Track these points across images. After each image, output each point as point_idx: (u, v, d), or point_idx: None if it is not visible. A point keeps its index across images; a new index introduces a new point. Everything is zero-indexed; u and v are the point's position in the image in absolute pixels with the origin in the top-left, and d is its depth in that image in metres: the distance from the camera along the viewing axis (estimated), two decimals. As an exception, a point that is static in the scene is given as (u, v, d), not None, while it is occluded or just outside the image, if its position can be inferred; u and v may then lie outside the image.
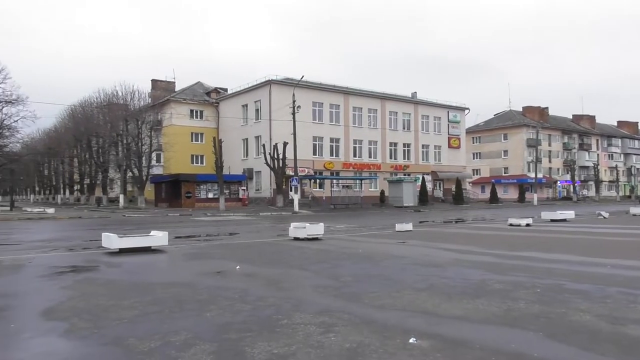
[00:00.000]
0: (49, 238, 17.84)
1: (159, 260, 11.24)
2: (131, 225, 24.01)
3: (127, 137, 47.12)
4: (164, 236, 12.89)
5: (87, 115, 55.17)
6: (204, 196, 45.78)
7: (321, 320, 5.37)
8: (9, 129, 51.66)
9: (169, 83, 60.49)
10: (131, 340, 4.69)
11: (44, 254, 12.54)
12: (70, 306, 6.31)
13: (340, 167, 51.75)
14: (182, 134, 52.25)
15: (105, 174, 53.81)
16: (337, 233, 18.45)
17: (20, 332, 5.17)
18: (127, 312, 5.91)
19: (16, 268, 9.85)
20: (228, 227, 22.19)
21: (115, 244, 12.10)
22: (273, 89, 47.12)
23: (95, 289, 7.55)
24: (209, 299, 6.56)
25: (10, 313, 6.14)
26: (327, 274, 8.76)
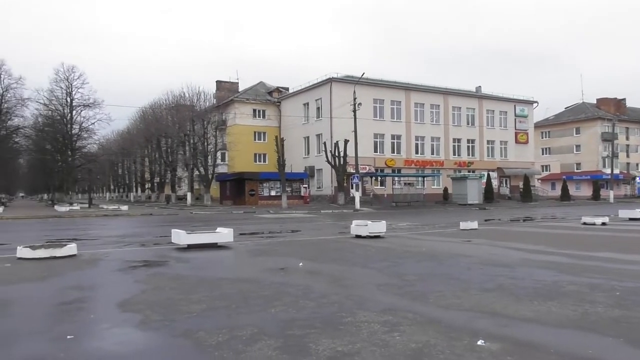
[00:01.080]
0: (123, 234, 18.82)
1: (225, 256, 11.55)
2: (198, 222, 24.88)
3: (193, 137, 48.85)
4: (229, 233, 13.23)
5: (156, 117, 57.72)
6: (266, 194, 46.68)
7: (385, 318, 5.32)
8: (87, 131, 55.22)
9: (233, 84, 62.11)
10: (200, 334, 4.85)
11: (118, 249, 13.25)
12: (143, 299, 6.61)
13: (402, 164, 51.12)
14: (245, 133, 53.53)
15: (174, 172, 56.06)
16: (399, 231, 18.23)
17: (100, 322, 5.47)
18: (196, 306, 6.11)
19: (94, 262, 10.44)
20: (290, 225, 22.50)
21: (184, 240, 12.55)
22: (334, 87, 47.24)
23: (166, 283, 7.87)
24: (274, 295, 6.66)
25: (90, 304, 6.52)
26: (390, 272, 8.67)
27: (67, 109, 53.22)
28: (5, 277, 8.48)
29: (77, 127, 54.19)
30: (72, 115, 53.55)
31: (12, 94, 50.63)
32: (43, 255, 10.77)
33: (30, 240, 14.08)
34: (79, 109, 53.67)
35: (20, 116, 53.58)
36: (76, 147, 54.65)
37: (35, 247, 11.07)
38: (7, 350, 4.53)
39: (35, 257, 10.67)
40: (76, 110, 53.55)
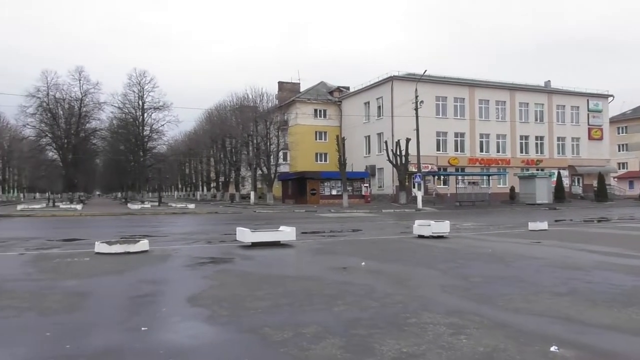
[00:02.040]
0: (190, 231, 19.54)
1: (288, 254, 11.72)
2: (261, 220, 25.41)
3: (256, 137, 49.92)
4: (292, 231, 13.41)
5: (221, 118, 59.48)
6: (327, 193, 46.91)
7: (451, 321, 5.20)
8: (157, 133, 57.84)
9: (294, 84, 62.92)
10: (266, 330, 4.95)
11: (187, 246, 13.77)
12: (211, 294, 6.83)
13: (466, 162, 49.81)
14: (306, 133, 54.08)
15: (238, 172, 57.55)
16: (463, 231, 17.78)
17: (171, 316, 5.71)
18: (261, 302, 6.24)
19: (165, 258, 10.91)
20: (351, 224, 22.49)
21: (248, 238, 12.86)
22: (395, 85, 46.76)
23: (232, 279, 8.09)
24: (337, 294, 6.68)
25: (161, 298, 6.81)
26: (454, 273, 8.48)
27: (139, 111, 55.99)
28: (85, 271, 9.04)
29: (148, 129, 56.91)
30: (143, 118, 56.29)
31: (90, 99, 54.09)
32: (118, 250, 11.39)
33: (106, 236, 14.94)
34: (149, 112, 56.39)
35: (97, 119, 57.14)
36: (147, 148, 57.36)
37: (111, 243, 11.73)
38: (87, 339, 4.82)
39: (111, 252, 11.30)
40: (147, 112, 56.29)
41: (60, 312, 5.88)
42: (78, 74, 52.87)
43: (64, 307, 6.16)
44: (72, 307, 6.14)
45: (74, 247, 13.46)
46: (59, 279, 8.21)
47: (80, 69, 53.45)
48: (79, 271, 9.00)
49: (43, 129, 53.23)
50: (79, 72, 53.03)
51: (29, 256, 11.36)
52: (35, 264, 10.05)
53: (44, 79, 51.38)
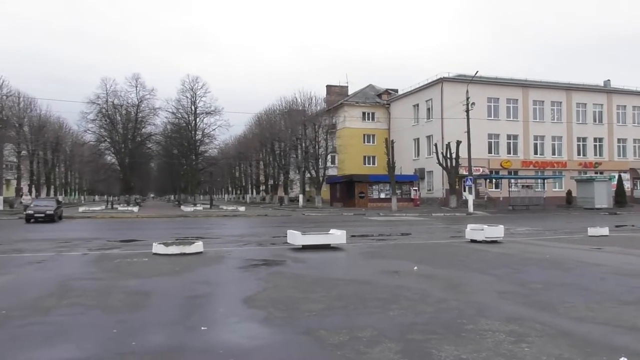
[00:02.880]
0: (241, 233, 19.92)
1: (339, 257, 11.75)
2: (310, 223, 25.56)
3: (305, 140, 50.31)
4: (342, 235, 13.44)
5: (270, 122, 60.32)
6: (376, 196, 46.63)
7: (510, 328, 5.07)
8: (208, 137, 59.32)
9: (342, 88, 62.99)
10: (322, 332, 4.99)
11: (239, 248, 14.04)
12: (265, 296, 6.95)
13: (519, 165, 48.27)
14: (354, 136, 53.99)
15: (287, 175, 58.15)
16: (517, 236, 17.25)
17: (228, 316, 5.86)
18: (315, 305, 6.30)
19: (219, 259, 11.18)
20: (401, 227, 22.28)
21: (299, 241, 12.98)
22: (445, 87, 45.99)
23: (285, 281, 8.19)
24: (390, 298, 6.65)
25: (218, 299, 6.99)
26: (511, 279, 8.25)
27: (192, 116, 57.64)
28: (144, 271, 9.39)
29: (200, 133, 58.48)
30: (195, 122, 57.91)
31: (145, 104, 56.19)
32: (174, 251, 11.77)
33: (162, 238, 15.46)
34: (201, 116, 57.93)
35: (152, 124, 59.25)
36: (199, 152, 58.93)
37: (168, 244, 12.13)
38: (151, 336, 5.02)
39: (167, 253, 11.70)
40: (199, 117, 57.85)
41: (124, 311, 6.15)
42: (134, 81, 55.14)
43: (127, 305, 6.43)
44: (134, 306, 6.40)
45: (133, 248, 13.99)
46: (120, 278, 8.56)
47: (136, 75, 55.69)
48: (139, 271, 9.37)
49: (102, 134, 55.75)
50: (135, 79, 55.30)
51: (92, 256, 11.92)
52: (98, 263, 10.53)
53: (103, 86, 53.92)
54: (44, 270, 9.70)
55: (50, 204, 28.92)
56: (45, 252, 12.81)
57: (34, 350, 4.58)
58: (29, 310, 6.14)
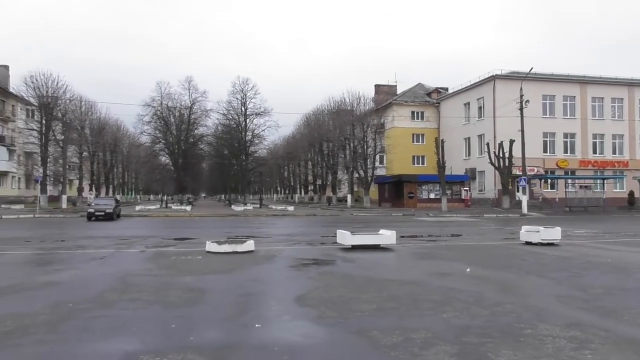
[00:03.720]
0: (291, 233, 20.12)
1: (389, 258, 11.68)
2: (359, 223, 25.51)
3: (353, 140, 50.24)
4: (392, 235, 13.35)
5: (319, 122, 60.60)
6: (425, 196, 45.98)
7: (572, 334, 4.89)
8: (258, 137, 60.23)
9: (391, 87, 62.48)
10: (374, 333, 4.98)
11: (289, 247, 14.20)
12: (317, 295, 7.00)
13: (577, 165, 46.31)
14: (403, 136, 53.43)
15: (335, 175, 58.28)
16: (575, 238, 16.56)
17: (281, 315, 5.94)
18: (367, 305, 6.29)
19: (270, 258, 11.36)
20: (451, 228, 21.87)
21: (349, 241, 13.00)
22: (497, 85, 44.76)
23: (336, 281, 8.23)
24: (443, 300, 6.55)
25: (270, 297, 7.10)
26: (570, 283, 7.94)
27: (242, 117, 58.71)
28: (199, 268, 9.67)
29: (250, 134, 59.47)
30: (246, 123, 58.94)
31: (197, 106, 57.74)
32: (227, 250, 12.05)
33: (215, 236, 15.86)
34: (251, 117, 58.89)
35: (204, 125, 60.81)
36: (249, 152, 59.96)
37: (221, 243, 12.43)
38: (208, 332, 5.16)
39: (220, 252, 11.99)
40: (249, 118, 58.84)
41: (181, 306, 6.35)
42: (187, 84, 56.77)
43: (184, 301, 6.64)
44: (191, 302, 6.60)
45: (187, 246, 14.42)
46: (177, 275, 8.85)
47: (189, 78, 57.31)
48: (193, 268, 9.65)
49: (157, 135, 57.77)
50: (188, 81, 56.94)
51: (149, 253, 12.38)
52: (155, 260, 10.93)
53: (158, 89, 55.81)
54: (105, 266, 10.16)
55: (110, 203, 30.20)
56: (105, 249, 13.40)
57: (101, 342, 4.82)
58: (94, 303, 6.46)
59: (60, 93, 45.09)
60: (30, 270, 9.76)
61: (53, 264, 10.57)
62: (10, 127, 52.81)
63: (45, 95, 43.69)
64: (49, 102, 43.76)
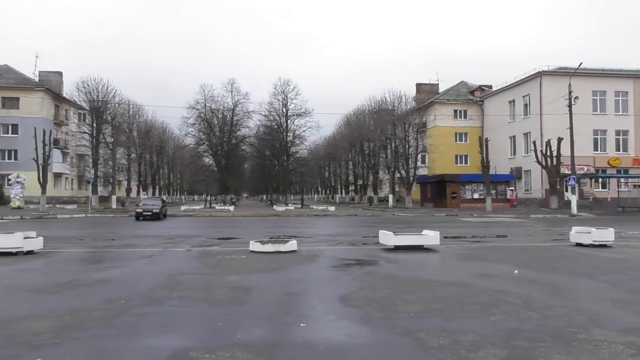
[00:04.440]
0: (332, 233, 20.15)
1: (433, 259, 11.52)
2: (400, 224, 25.28)
3: (394, 140, 49.82)
4: (435, 235, 13.16)
5: (359, 122, 60.43)
6: (469, 197, 45.09)
7: (629, 339, 4.69)
8: (299, 138, 60.66)
9: (433, 85, 61.59)
10: (420, 334, 4.93)
11: (331, 247, 14.22)
12: (361, 295, 6.99)
13: (630, 163, 44.32)
14: (446, 135, 52.58)
15: (376, 175, 57.95)
16: (630, 240, 15.87)
17: (326, 314, 5.96)
18: (412, 306, 6.23)
19: (312, 258, 11.41)
20: (496, 229, 21.37)
21: (391, 241, 12.90)
22: (544, 81, 43.39)
23: (380, 281, 8.18)
24: (491, 302, 6.41)
25: (314, 297, 7.14)
26: (626, 287, 7.62)
27: (283, 118, 59.28)
28: (243, 267, 9.83)
29: (291, 135, 60.00)
30: (287, 124, 59.48)
31: (240, 108, 58.79)
32: (270, 249, 12.18)
33: (257, 236, 16.07)
34: (292, 118, 59.40)
35: (246, 127, 61.85)
36: (290, 153, 60.47)
37: (264, 242, 12.59)
38: (254, 330, 5.24)
39: (264, 251, 12.14)
40: (290, 119, 59.35)
41: (228, 304, 6.47)
42: (230, 86, 57.90)
43: (230, 300, 6.77)
44: (237, 301, 6.72)
45: (231, 245, 14.68)
46: (222, 274, 9.03)
47: (232, 81, 58.41)
48: (238, 267, 9.82)
49: (201, 137, 59.14)
50: (230, 84, 58.07)
51: (195, 252, 12.68)
52: (201, 259, 11.18)
53: (201, 92, 57.22)
54: (154, 265, 10.47)
55: (157, 203, 31.10)
56: (153, 247, 13.81)
57: (152, 337, 4.98)
58: (144, 300, 6.67)
59: (109, 97, 46.87)
60: (84, 267, 10.18)
61: (105, 261, 10.98)
62: (64, 131, 55.17)
63: (96, 99, 45.47)
64: (100, 106, 45.51)
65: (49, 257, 11.29)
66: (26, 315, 5.78)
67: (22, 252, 11.51)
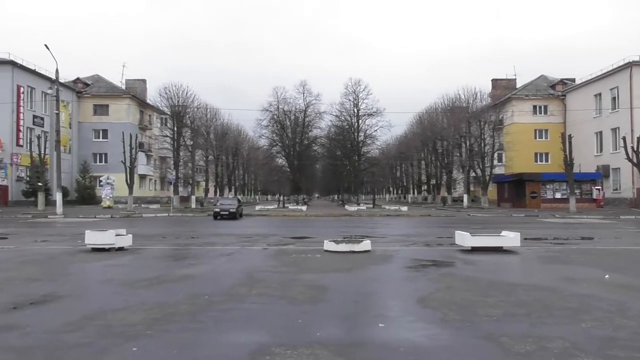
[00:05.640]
0: (406, 233, 19.90)
1: (513, 261, 11.08)
2: (477, 224, 24.49)
3: (469, 138, 48.37)
4: (515, 237, 12.64)
5: (432, 121, 59.27)
6: (550, 196, 42.91)
7: None
8: (370, 138, 60.48)
9: (510, 80, 59.14)
10: (504, 339, 4.76)
11: (405, 247, 14.05)
12: (439, 297, 6.85)
13: None
14: (524, 132, 50.31)
15: (449, 174, 56.57)
16: None
17: (404, 315, 5.92)
18: (493, 310, 6.03)
19: (387, 258, 11.34)
20: (581, 231, 20.15)
21: (468, 242, 12.55)
22: (634, 72, 40.39)
23: (457, 283, 7.99)
24: (580, 308, 6.07)
25: (391, 297, 7.10)
26: None
27: (354, 118, 59.37)
28: (318, 266, 9.95)
29: (362, 135, 59.96)
30: (358, 124, 59.51)
31: (311, 109, 59.60)
32: (344, 249, 12.24)
33: (330, 235, 16.20)
34: (364, 118, 59.34)
35: (318, 127, 62.62)
36: (362, 153, 60.45)
37: (338, 242, 12.67)
38: (332, 329, 5.30)
39: (338, 251, 12.22)
40: (362, 119, 59.33)
41: (305, 303, 6.58)
42: (302, 88, 58.86)
43: (308, 298, 6.88)
44: (314, 299, 6.81)
45: (306, 244, 14.90)
46: (298, 272, 9.19)
47: (303, 83, 59.32)
48: (314, 266, 9.95)
49: (274, 138, 60.62)
50: (302, 85, 59.02)
51: (270, 251, 13.00)
52: (277, 258, 11.44)
53: (274, 94, 58.63)
54: (233, 262, 10.86)
55: (233, 203, 32.19)
56: (231, 245, 14.30)
57: (236, 332, 5.17)
58: (226, 296, 6.94)
59: (189, 102, 49.15)
60: (169, 264, 10.74)
61: (188, 258, 11.52)
62: (148, 135, 58.52)
63: (176, 104, 47.85)
64: (180, 111, 47.86)
65: (138, 254, 12.02)
66: (120, 308, 6.20)
67: (114, 248, 12.35)
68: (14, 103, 41.40)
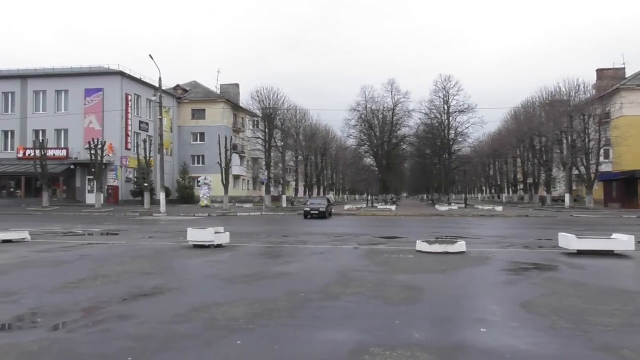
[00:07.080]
0: (502, 234, 19.00)
1: (627, 266, 10.18)
2: (581, 226, 22.82)
3: (571, 133, 45.17)
4: (629, 240, 11.59)
5: (529, 116, 56.11)
6: (667, 196, 38.93)
7: None
8: (461, 135, 58.60)
9: (617, 70, 54.42)
10: (625, 352, 4.37)
11: (502, 249, 13.40)
12: (544, 302, 6.45)
13: None
14: (635, 125, 46.01)
15: (549, 172, 53.23)
16: None
17: (507, 320, 5.63)
18: (609, 319, 5.57)
19: (483, 260, 10.88)
20: None
21: (573, 245, 11.72)
22: None
23: (564, 289, 7.47)
24: None
25: (491, 301, 6.78)
26: None
27: (445, 115, 57.80)
28: (412, 267, 9.78)
29: (453, 132, 58.23)
30: (448, 121, 57.87)
31: (400, 108, 58.86)
32: (437, 250, 11.93)
33: (422, 235, 15.87)
34: (454, 115, 57.60)
35: (406, 126, 61.73)
36: (452, 151, 58.70)
37: (431, 242, 12.37)
38: (430, 331, 5.16)
39: (431, 251, 11.94)
40: (452, 116, 57.63)
41: (401, 303, 6.48)
42: (390, 86, 58.29)
43: (403, 298, 6.77)
44: (410, 300, 6.69)
45: (397, 244, 14.71)
46: (391, 272, 9.09)
47: (391, 81, 58.81)
48: (407, 267, 9.79)
49: (362, 138, 60.63)
50: (390, 84, 58.46)
51: (362, 250, 12.98)
52: (369, 257, 11.39)
53: (362, 94, 58.64)
54: (325, 261, 10.97)
55: (323, 202, 32.61)
56: (323, 244, 14.48)
57: (333, 330, 5.21)
58: (321, 294, 7.02)
59: (279, 104, 50.53)
60: (265, 261, 11.08)
61: (282, 256, 11.81)
62: (241, 137, 60.96)
63: (267, 107, 49.41)
64: (271, 113, 49.34)
65: (235, 251, 12.54)
66: (223, 302, 6.48)
67: (213, 245, 12.99)
68: (122, 110, 44.97)
